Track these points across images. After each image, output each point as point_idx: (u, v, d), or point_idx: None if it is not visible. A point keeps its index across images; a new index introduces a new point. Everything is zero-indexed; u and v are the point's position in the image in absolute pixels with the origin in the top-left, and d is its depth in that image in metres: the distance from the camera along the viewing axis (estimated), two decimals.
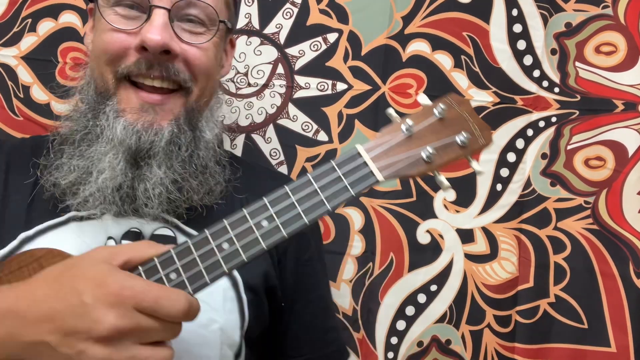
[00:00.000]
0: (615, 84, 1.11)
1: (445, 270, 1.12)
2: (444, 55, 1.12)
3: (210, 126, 0.84)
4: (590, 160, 1.12)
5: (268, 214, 0.60)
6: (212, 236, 0.60)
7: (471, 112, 0.66)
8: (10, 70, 1.10)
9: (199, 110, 0.82)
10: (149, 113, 0.76)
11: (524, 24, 1.12)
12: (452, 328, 1.12)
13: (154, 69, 0.76)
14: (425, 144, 0.63)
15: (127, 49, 0.76)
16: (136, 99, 0.77)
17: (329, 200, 0.61)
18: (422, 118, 0.64)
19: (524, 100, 1.12)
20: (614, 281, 1.10)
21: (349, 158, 0.62)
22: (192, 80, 0.79)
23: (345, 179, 0.61)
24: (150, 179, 0.76)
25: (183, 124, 0.79)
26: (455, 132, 0.64)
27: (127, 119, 0.76)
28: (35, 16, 1.10)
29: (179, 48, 0.76)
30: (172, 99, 0.78)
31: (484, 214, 1.13)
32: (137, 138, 0.75)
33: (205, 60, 0.80)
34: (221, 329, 0.75)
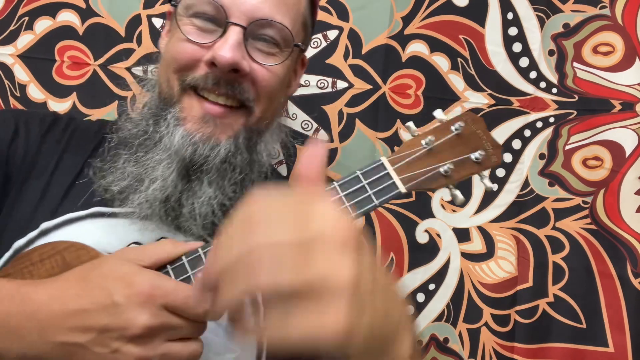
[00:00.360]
0: (613, 84, 1.12)
1: (442, 269, 1.12)
2: (441, 57, 1.13)
3: (268, 150, 0.82)
4: (588, 160, 1.12)
5: None
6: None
7: (484, 130, 0.70)
8: (6, 69, 1.10)
9: (259, 132, 0.80)
10: (209, 125, 0.75)
11: (520, 26, 1.13)
12: (449, 326, 1.12)
13: (221, 86, 0.74)
14: (444, 159, 0.67)
15: (198, 61, 0.75)
16: (199, 109, 0.75)
17: (353, 209, 0.63)
18: (440, 134, 0.68)
19: (520, 101, 1.13)
20: (612, 281, 1.10)
21: (374, 169, 0.65)
22: (255, 100, 0.77)
23: (370, 189, 0.63)
24: (199, 197, 0.74)
25: (241, 143, 0.77)
26: (471, 150, 0.68)
27: (187, 127, 0.74)
28: (32, 14, 1.10)
29: (249, 68, 0.75)
30: (233, 114, 0.76)
31: (479, 214, 1.13)
32: (193, 149, 0.74)
33: (273, 83, 0.78)
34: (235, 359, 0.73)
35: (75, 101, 1.10)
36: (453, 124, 0.68)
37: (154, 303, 0.55)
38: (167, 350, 0.55)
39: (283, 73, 0.79)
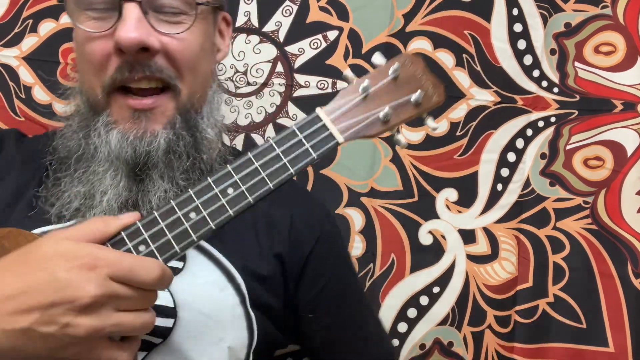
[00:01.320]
0: (614, 84, 1.11)
1: (447, 272, 1.12)
2: (445, 54, 1.12)
3: (212, 123, 0.79)
4: (589, 160, 1.12)
5: (232, 180, 0.61)
6: (178, 206, 0.60)
7: (424, 70, 0.68)
8: (11, 71, 1.08)
9: (195, 109, 0.76)
10: (140, 120, 0.72)
11: (524, 23, 1.12)
12: (454, 330, 1.11)
13: (136, 71, 0.70)
14: (382, 104, 0.66)
15: (108, 56, 0.71)
16: (126, 108, 0.72)
17: (292, 164, 0.62)
18: (377, 78, 0.67)
19: (524, 100, 1.12)
20: (613, 281, 1.10)
21: (309, 121, 0.64)
22: (177, 77, 0.73)
23: (307, 142, 0.63)
24: (154, 194, 0.72)
25: (180, 128, 0.74)
26: (410, 92, 0.66)
27: (120, 129, 0.72)
28: (37, 17, 1.08)
29: (158, 43, 0.70)
30: (162, 100, 0.73)
31: (485, 214, 1.12)
32: (132, 150, 0.71)
33: (188, 52, 0.73)
34: (229, 347, 0.72)
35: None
36: (390, 66, 0.67)
37: (99, 273, 0.52)
38: (119, 320, 0.53)
39: (198, 39, 0.75)
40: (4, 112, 1.08)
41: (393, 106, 0.66)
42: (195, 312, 0.72)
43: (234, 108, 1.11)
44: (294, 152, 0.62)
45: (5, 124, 1.07)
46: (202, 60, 0.77)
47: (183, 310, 0.71)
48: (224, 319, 0.73)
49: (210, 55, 0.80)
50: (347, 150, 1.11)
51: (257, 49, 1.10)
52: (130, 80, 0.71)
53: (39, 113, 1.08)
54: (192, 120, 0.76)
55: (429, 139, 1.12)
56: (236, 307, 0.74)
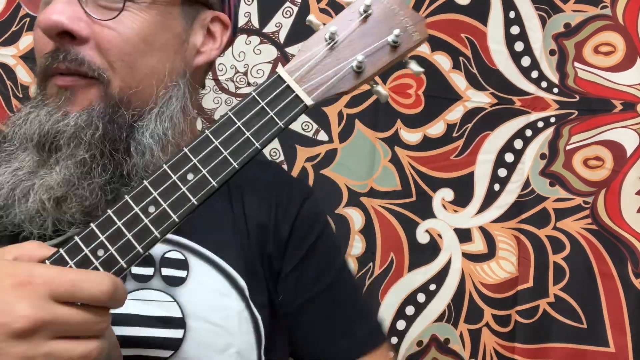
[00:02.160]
0: (614, 84, 1.11)
1: (443, 270, 1.13)
2: (442, 56, 1.13)
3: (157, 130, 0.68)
4: (589, 160, 1.12)
5: (191, 164, 0.52)
6: (134, 200, 0.52)
7: (401, 4, 0.57)
8: (8, 70, 1.10)
9: (132, 106, 0.67)
10: (60, 99, 0.65)
11: (522, 25, 1.12)
12: (450, 327, 1.12)
13: (58, 60, 0.63)
14: (353, 52, 0.55)
15: (45, 43, 0.65)
16: (53, 87, 0.65)
17: (256, 137, 0.53)
18: (346, 21, 0.56)
19: (522, 101, 1.13)
20: (613, 281, 1.10)
21: (270, 84, 0.54)
22: (105, 67, 0.64)
23: (270, 110, 0.54)
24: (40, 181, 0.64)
25: (96, 117, 0.64)
26: (386, 33, 0.55)
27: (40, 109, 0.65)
28: (34, 15, 1.10)
29: (87, 29, 0.63)
30: (87, 83, 0.65)
31: (481, 214, 1.13)
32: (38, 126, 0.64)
33: (125, 45, 0.64)
34: (238, 352, 0.70)
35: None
36: (360, 5, 0.56)
37: (37, 292, 0.45)
38: (52, 349, 0.45)
39: (143, 29, 0.66)
40: (2, 112, 1.10)
41: (367, 52, 0.55)
42: (203, 320, 0.70)
43: None
44: (257, 123, 0.53)
45: (3, 123, 1.09)
46: (147, 54, 0.67)
47: (191, 319, 0.69)
48: (231, 325, 0.71)
49: (166, 52, 0.69)
50: (347, 151, 1.13)
51: (257, 50, 1.12)
52: (54, 70, 0.64)
53: None
54: (118, 115, 0.66)
55: (426, 140, 1.13)
56: (242, 311, 0.72)
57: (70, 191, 0.64)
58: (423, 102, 1.13)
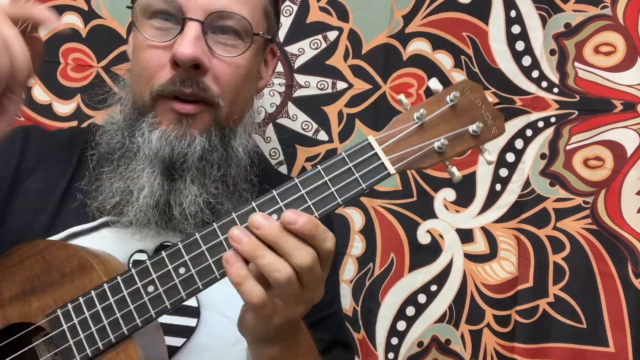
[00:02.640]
0: (614, 84, 1.11)
1: (445, 270, 1.12)
2: (444, 55, 1.12)
3: (243, 144, 0.81)
4: (589, 161, 1.12)
5: (277, 206, 0.58)
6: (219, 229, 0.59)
7: (484, 99, 0.64)
8: None
9: (230, 127, 0.80)
10: (182, 124, 0.75)
11: (523, 25, 1.12)
12: (451, 328, 1.12)
13: (186, 86, 0.74)
14: (437, 134, 0.61)
15: (163, 66, 0.75)
16: (171, 111, 0.75)
17: (340, 194, 0.59)
18: (434, 106, 0.62)
19: (523, 100, 1.12)
20: (613, 281, 1.10)
21: (360, 149, 0.60)
22: (220, 95, 0.76)
23: (356, 172, 0.59)
24: (186, 196, 0.75)
25: (214, 140, 0.77)
26: (469, 122, 0.62)
27: (162, 129, 0.75)
28: None
29: (209, 63, 0.75)
30: (203, 110, 0.76)
31: (483, 214, 1.13)
32: (170, 148, 0.74)
33: (235, 76, 0.77)
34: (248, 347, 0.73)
35: (80, 103, 1.11)
36: (448, 94, 0.62)
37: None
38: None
39: (247, 65, 0.79)
40: None
41: (449, 137, 0.61)
42: (217, 312, 0.74)
43: None
44: (342, 181, 0.59)
45: None
46: (245, 85, 0.80)
47: (206, 310, 0.73)
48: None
49: (253, 82, 0.84)
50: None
51: None
52: (178, 92, 0.75)
53: (39, 113, 1.10)
54: (226, 136, 0.79)
55: None
56: None
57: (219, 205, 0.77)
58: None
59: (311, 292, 0.59)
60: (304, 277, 0.56)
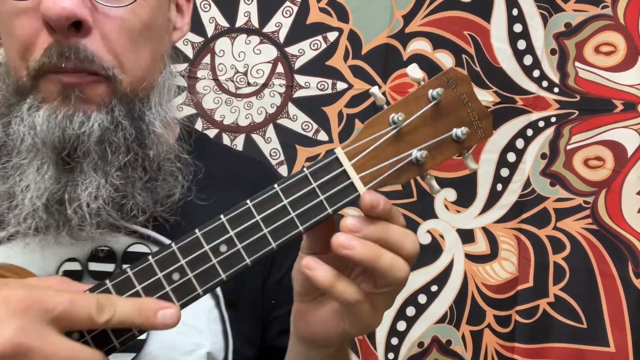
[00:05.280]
0: (615, 84, 1.11)
1: (445, 271, 1.12)
2: (445, 54, 1.12)
3: (161, 114, 0.66)
4: (589, 160, 1.12)
5: (227, 236, 0.49)
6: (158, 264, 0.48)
7: (471, 94, 0.53)
8: None
9: (141, 98, 0.64)
10: (70, 98, 0.59)
11: (524, 23, 1.12)
12: (452, 328, 1.12)
13: (65, 58, 0.57)
14: (416, 143, 0.51)
15: (36, 34, 0.58)
16: (56, 82, 0.59)
17: (301, 220, 0.50)
18: (413, 106, 0.51)
19: (524, 100, 1.12)
20: (613, 281, 1.10)
21: (326, 165, 0.50)
22: (113, 64, 0.60)
23: (321, 193, 0.50)
24: (85, 188, 0.60)
25: (119, 116, 0.61)
26: (452, 124, 0.52)
27: (47, 108, 0.59)
28: None
29: (92, 19, 0.58)
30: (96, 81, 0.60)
31: (484, 214, 1.13)
32: (60, 132, 0.58)
33: (129, 34, 0.60)
34: (208, 352, 0.66)
35: None
36: (431, 88, 0.51)
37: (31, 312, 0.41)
38: None
39: (145, 16, 0.61)
40: None
41: (430, 146, 0.51)
42: None
43: (234, 108, 1.12)
44: (304, 204, 0.49)
45: None
46: (148, 42, 0.63)
47: None
48: (200, 324, 0.67)
49: (160, 36, 0.66)
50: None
51: (257, 50, 1.11)
52: (59, 69, 0.58)
53: None
54: (136, 110, 0.63)
55: None
56: (211, 309, 0.68)
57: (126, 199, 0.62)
58: None
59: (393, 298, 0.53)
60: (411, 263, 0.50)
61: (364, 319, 0.52)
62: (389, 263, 0.48)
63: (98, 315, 0.43)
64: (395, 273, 0.49)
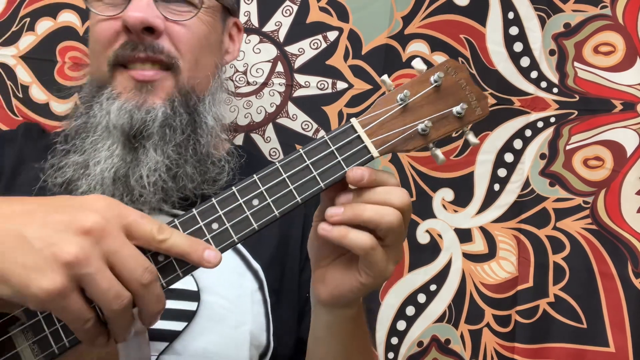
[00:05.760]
0: (614, 84, 1.11)
1: (444, 270, 1.12)
2: (442, 57, 1.12)
3: (213, 112, 0.82)
4: (589, 160, 1.12)
5: (258, 191, 0.57)
6: (200, 215, 0.56)
7: (468, 80, 0.63)
8: (9, 70, 1.10)
9: (196, 93, 0.80)
10: (142, 92, 0.76)
11: (521, 26, 1.12)
12: (451, 327, 1.12)
13: (139, 50, 0.75)
14: (421, 116, 0.61)
15: (116, 34, 0.76)
16: (130, 79, 0.76)
17: (322, 177, 0.58)
18: (418, 87, 0.62)
19: (522, 101, 1.13)
20: (613, 281, 1.10)
21: (342, 132, 0.60)
22: (178, 56, 0.77)
23: (339, 155, 0.59)
24: (146, 164, 0.74)
25: (178, 105, 0.77)
26: (453, 103, 0.62)
27: (121, 99, 0.75)
28: (34, 15, 1.10)
29: (163, 25, 0.76)
30: (162, 76, 0.77)
31: (481, 214, 1.13)
32: (129, 117, 0.74)
33: (190, 36, 0.78)
34: (250, 331, 0.74)
35: (77, 102, 1.11)
36: (432, 74, 0.61)
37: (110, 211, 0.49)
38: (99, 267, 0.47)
39: (202, 29, 0.80)
40: (2, 112, 1.10)
41: (433, 119, 0.61)
42: (217, 296, 0.74)
43: (233, 108, 1.12)
44: (324, 164, 0.58)
45: (3, 123, 1.10)
46: (204, 49, 0.81)
47: (206, 293, 0.73)
48: (244, 303, 0.75)
49: (214, 49, 0.85)
50: None
51: (257, 49, 1.12)
52: (132, 58, 0.75)
53: (37, 112, 1.10)
54: (192, 102, 0.79)
55: None
56: (255, 292, 0.77)
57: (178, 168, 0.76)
58: None
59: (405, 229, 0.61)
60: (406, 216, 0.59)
61: (378, 266, 0.58)
62: (373, 212, 0.56)
63: (158, 233, 0.51)
64: (384, 218, 0.56)
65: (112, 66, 0.77)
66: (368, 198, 0.57)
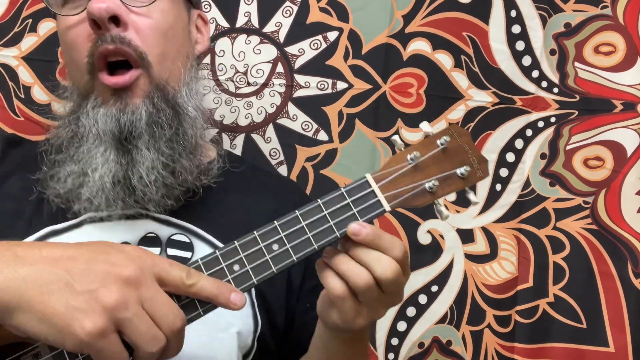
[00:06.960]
0: (614, 84, 1.11)
1: (445, 271, 1.12)
2: (444, 55, 1.12)
3: (193, 103, 0.83)
4: (589, 161, 1.12)
5: (278, 237, 0.62)
6: (222, 257, 0.61)
7: (470, 144, 0.69)
8: (10, 71, 1.09)
9: (171, 85, 0.80)
10: (121, 97, 0.76)
11: (523, 25, 1.12)
12: (452, 329, 1.12)
13: (108, 42, 0.74)
14: (429, 175, 0.66)
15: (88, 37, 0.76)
16: (108, 90, 0.77)
17: (338, 227, 0.63)
18: (426, 149, 0.68)
19: (523, 100, 1.12)
20: (613, 281, 1.10)
21: (358, 186, 0.65)
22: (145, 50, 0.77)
23: (354, 207, 0.64)
24: (143, 163, 0.76)
25: (158, 101, 0.78)
26: (457, 165, 0.67)
27: (104, 106, 0.76)
28: (36, 16, 1.09)
29: (128, 17, 0.76)
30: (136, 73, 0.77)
31: (483, 214, 1.13)
32: (116, 121, 0.75)
33: (155, 26, 0.78)
34: (238, 332, 0.76)
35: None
36: (439, 137, 0.68)
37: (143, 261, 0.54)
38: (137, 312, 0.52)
39: (167, 18, 0.80)
40: (4, 112, 1.09)
41: (439, 178, 0.66)
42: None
43: (234, 108, 1.12)
44: (340, 215, 0.63)
45: (5, 124, 1.09)
46: (171, 40, 0.81)
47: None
48: None
49: (183, 40, 0.85)
50: (347, 151, 1.12)
51: (257, 50, 1.11)
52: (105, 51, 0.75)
53: (39, 113, 1.09)
54: (170, 95, 0.80)
55: None
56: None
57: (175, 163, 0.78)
58: (424, 101, 1.12)
59: (392, 297, 0.64)
60: (384, 286, 0.61)
61: (345, 316, 0.63)
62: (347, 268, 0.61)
63: (187, 279, 0.56)
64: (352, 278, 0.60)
65: (91, 75, 0.77)
66: (355, 254, 0.61)
